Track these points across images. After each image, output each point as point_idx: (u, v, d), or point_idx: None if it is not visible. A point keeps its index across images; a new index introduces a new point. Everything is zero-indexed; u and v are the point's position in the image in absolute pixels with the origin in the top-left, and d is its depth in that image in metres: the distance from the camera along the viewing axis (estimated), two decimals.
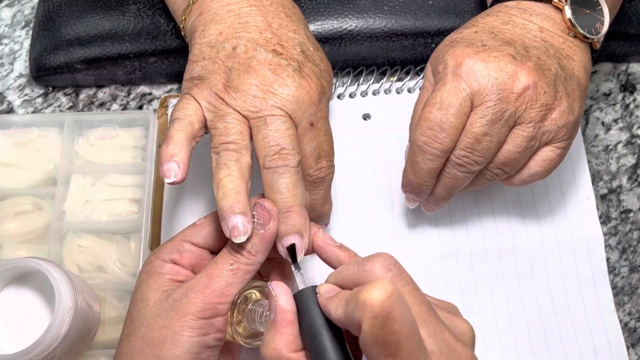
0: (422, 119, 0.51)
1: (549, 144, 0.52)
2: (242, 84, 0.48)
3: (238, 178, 0.46)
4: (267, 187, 0.47)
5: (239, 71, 0.49)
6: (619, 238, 0.62)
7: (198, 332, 0.44)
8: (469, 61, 0.50)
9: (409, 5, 0.65)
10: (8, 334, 0.51)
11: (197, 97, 0.49)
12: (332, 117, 0.64)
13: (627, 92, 0.68)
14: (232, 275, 0.45)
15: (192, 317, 0.43)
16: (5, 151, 0.62)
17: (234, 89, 0.48)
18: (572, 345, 0.57)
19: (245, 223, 0.45)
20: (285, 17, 0.53)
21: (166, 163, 0.47)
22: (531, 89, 0.49)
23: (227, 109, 0.48)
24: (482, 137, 0.50)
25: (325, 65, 0.53)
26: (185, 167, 0.47)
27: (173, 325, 0.44)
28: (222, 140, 0.47)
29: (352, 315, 0.35)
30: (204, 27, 0.52)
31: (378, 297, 0.34)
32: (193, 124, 0.48)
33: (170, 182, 0.46)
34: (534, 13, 0.53)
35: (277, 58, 0.50)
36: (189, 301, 0.44)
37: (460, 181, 0.53)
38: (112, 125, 0.63)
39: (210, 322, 0.44)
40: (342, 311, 0.37)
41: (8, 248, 0.58)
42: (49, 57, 0.65)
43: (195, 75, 0.50)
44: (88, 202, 0.60)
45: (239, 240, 0.45)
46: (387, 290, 0.34)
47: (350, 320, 0.36)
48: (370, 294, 0.34)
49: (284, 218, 0.46)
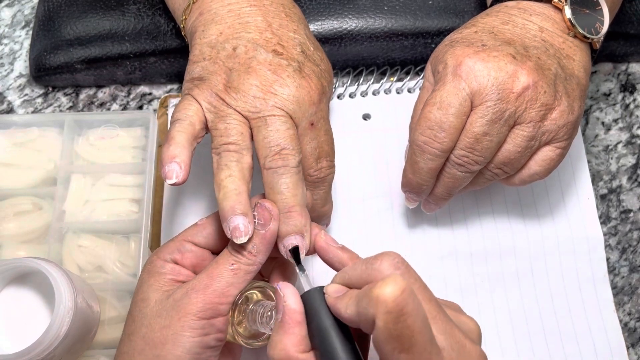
0: (422, 118, 0.51)
1: (549, 144, 0.52)
2: (242, 84, 0.48)
3: (239, 179, 0.46)
4: (268, 187, 0.47)
5: (239, 72, 0.49)
6: (619, 238, 0.62)
7: (199, 332, 0.44)
8: (468, 61, 0.50)
9: (409, 5, 0.65)
10: (8, 334, 0.51)
11: (198, 97, 0.49)
12: (332, 117, 0.64)
13: (627, 92, 0.68)
14: (233, 275, 0.45)
15: (193, 317, 0.43)
16: (5, 151, 0.62)
17: (234, 89, 0.48)
18: (572, 345, 0.57)
19: (246, 224, 0.45)
20: (286, 17, 0.53)
21: (168, 164, 0.47)
22: (531, 89, 0.49)
23: (228, 109, 0.48)
24: (482, 137, 0.50)
25: (325, 65, 0.53)
26: (187, 168, 0.47)
27: (174, 325, 0.44)
28: (223, 141, 0.47)
29: (364, 312, 0.35)
30: (204, 27, 0.52)
31: (391, 292, 0.34)
32: (194, 125, 0.48)
33: (172, 183, 0.46)
34: (534, 13, 0.53)
35: (277, 58, 0.50)
36: (189, 301, 0.44)
37: (460, 181, 0.53)
38: (112, 125, 0.63)
39: (211, 322, 0.44)
40: (354, 309, 0.37)
41: (8, 248, 0.58)
42: (49, 57, 0.65)
43: (195, 75, 0.50)
44: (88, 202, 0.60)
45: (240, 240, 0.45)
46: (400, 286, 0.34)
47: (363, 318, 0.36)
48: (383, 290, 0.34)
49: (284, 218, 0.46)
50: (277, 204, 0.46)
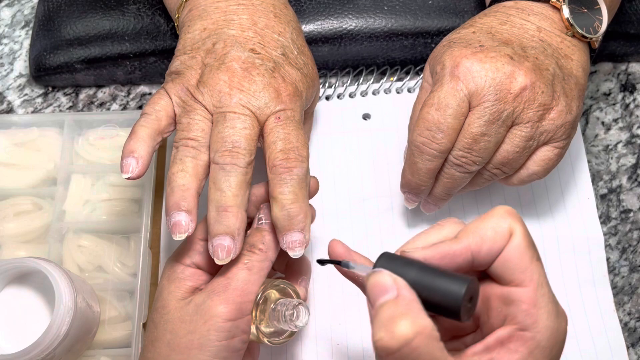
0: (420, 119, 0.51)
1: (547, 144, 0.52)
2: (211, 79, 0.48)
3: (191, 175, 0.46)
4: (211, 181, 0.46)
5: (212, 67, 0.49)
6: (619, 238, 0.62)
7: (225, 335, 0.44)
8: (466, 62, 0.50)
9: (409, 5, 0.65)
10: (8, 334, 0.51)
11: (170, 91, 0.50)
12: (332, 117, 0.65)
13: (627, 91, 0.68)
14: (249, 273, 0.45)
15: (219, 319, 0.44)
16: (5, 151, 0.62)
17: (203, 83, 0.48)
18: (572, 345, 0.57)
19: (188, 221, 0.45)
20: (274, 18, 0.53)
21: (125, 158, 0.47)
22: (528, 89, 0.49)
23: (195, 104, 0.48)
24: (480, 138, 0.50)
25: (308, 70, 0.53)
26: (145, 163, 0.47)
27: (199, 330, 0.44)
28: (183, 136, 0.48)
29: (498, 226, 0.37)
30: (191, 22, 0.53)
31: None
32: (160, 120, 0.49)
33: (127, 177, 0.47)
34: (532, 13, 0.53)
35: (252, 57, 0.49)
36: (212, 304, 0.44)
37: (458, 181, 0.53)
38: (112, 125, 0.63)
39: (236, 323, 0.44)
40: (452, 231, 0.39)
41: (8, 248, 0.58)
42: (49, 57, 0.65)
43: (173, 69, 0.51)
44: (88, 202, 0.60)
45: (178, 237, 0.45)
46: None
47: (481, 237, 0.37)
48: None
49: (218, 217, 0.45)
50: (214, 200, 0.46)
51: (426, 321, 0.34)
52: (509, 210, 0.38)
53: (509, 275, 0.37)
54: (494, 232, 0.37)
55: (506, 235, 0.37)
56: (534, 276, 0.36)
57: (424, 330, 0.34)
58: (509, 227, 0.37)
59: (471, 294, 0.36)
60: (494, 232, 0.37)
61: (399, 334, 0.34)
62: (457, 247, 0.37)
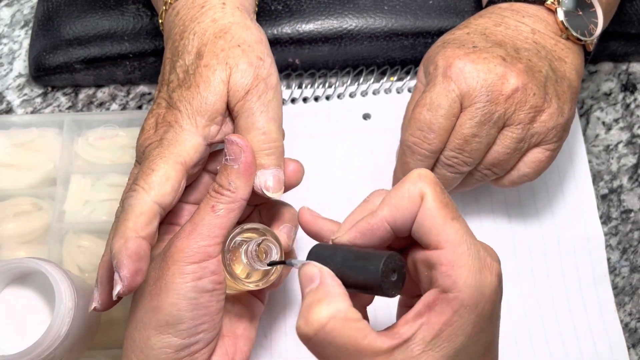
0: (412, 119, 0.51)
1: (538, 146, 0.52)
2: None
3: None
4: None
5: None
6: (619, 238, 0.62)
7: (191, 277, 0.43)
8: (458, 62, 0.50)
9: (409, 5, 0.65)
10: (8, 334, 0.51)
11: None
12: (332, 117, 0.65)
13: (627, 91, 0.68)
14: (216, 216, 0.44)
15: (182, 263, 0.43)
16: (5, 151, 0.62)
17: None
18: (572, 345, 0.57)
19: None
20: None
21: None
22: (520, 91, 0.50)
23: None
24: (471, 139, 0.50)
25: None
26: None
27: (165, 275, 0.44)
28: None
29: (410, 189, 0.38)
30: None
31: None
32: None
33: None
34: (527, 15, 0.53)
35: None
36: (176, 249, 0.44)
37: (449, 182, 0.53)
38: (112, 125, 0.63)
39: (202, 265, 0.44)
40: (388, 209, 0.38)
41: (8, 248, 0.58)
42: (48, 57, 0.65)
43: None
44: (88, 202, 0.60)
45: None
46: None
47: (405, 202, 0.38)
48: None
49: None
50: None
51: (340, 304, 0.36)
52: (420, 174, 0.38)
53: (427, 239, 0.37)
54: (406, 198, 0.37)
55: (417, 200, 0.37)
56: (450, 237, 0.36)
57: (337, 313, 0.36)
58: (419, 191, 0.37)
59: (392, 268, 0.37)
60: (405, 199, 0.37)
61: (312, 319, 0.36)
62: (373, 221, 0.38)
